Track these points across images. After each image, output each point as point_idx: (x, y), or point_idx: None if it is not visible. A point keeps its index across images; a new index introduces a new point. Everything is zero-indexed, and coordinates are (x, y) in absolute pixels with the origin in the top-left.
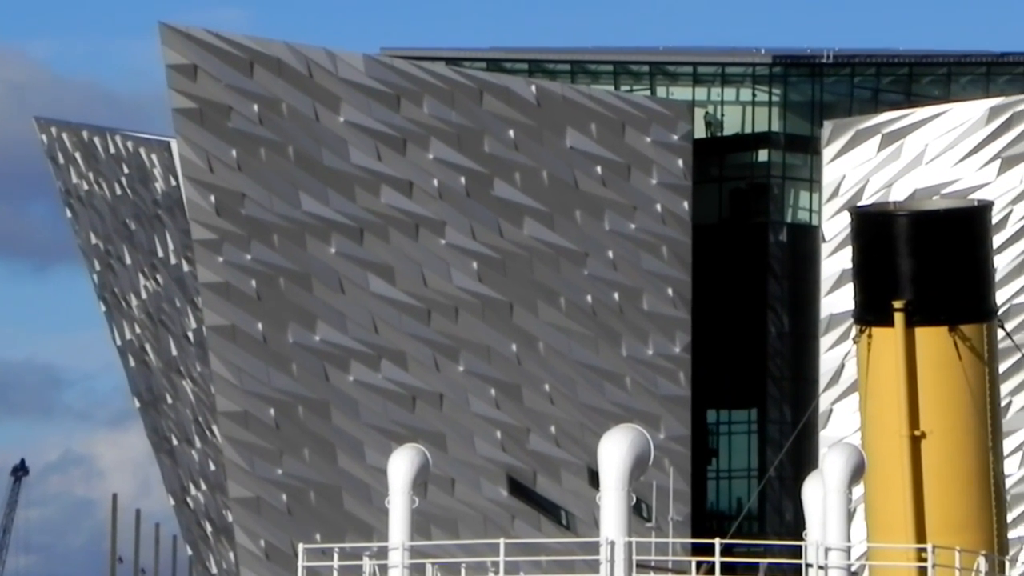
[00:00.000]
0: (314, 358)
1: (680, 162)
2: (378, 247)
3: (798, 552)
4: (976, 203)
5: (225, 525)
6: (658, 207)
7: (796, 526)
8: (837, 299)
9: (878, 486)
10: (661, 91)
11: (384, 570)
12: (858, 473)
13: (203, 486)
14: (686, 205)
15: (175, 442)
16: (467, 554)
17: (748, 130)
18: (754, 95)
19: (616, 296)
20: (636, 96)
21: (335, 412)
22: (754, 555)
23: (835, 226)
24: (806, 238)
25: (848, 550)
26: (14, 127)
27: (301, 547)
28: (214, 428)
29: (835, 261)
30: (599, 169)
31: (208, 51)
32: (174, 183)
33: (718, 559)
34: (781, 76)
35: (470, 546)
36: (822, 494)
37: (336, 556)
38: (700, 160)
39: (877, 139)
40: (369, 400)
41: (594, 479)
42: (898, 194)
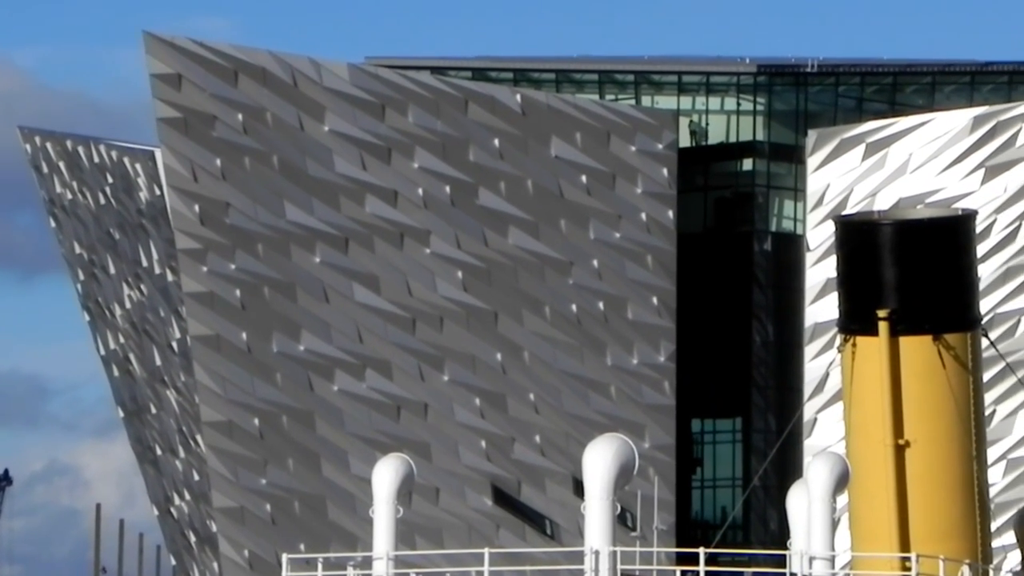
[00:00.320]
0: (298, 367)
1: (665, 171)
2: (363, 256)
3: (782, 561)
4: (960, 212)
5: (209, 535)
6: (643, 216)
7: (781, 535)
8: (822, 308)
9: (862, 495)
10: (646, 100)
11: None
12: (842, 482)
13: (187, 496)
14: (671, 214)
15: (159, 452)
16: (452, 564)
17: (733, 139)
18: (739, 104)
19: (601, 305)
20: (621, 105)
21: (319, 422)
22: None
23: (820, 235)
24: (791, 247)
25: (832, 559)
26: None
27: (285, 557)
28: (198, 438)
29: (820, 270)
30: (584, 178)
31: (192, 60)
32: (158, 192)
33: (703, 568)
34: (766, 85)
35: (455, 556)
36: (806, 503)
37: (320, 566)
38: (685, 169)
39: (861, 148)
40: (354, 409)
41: (579, 488)
42: (882, 203)
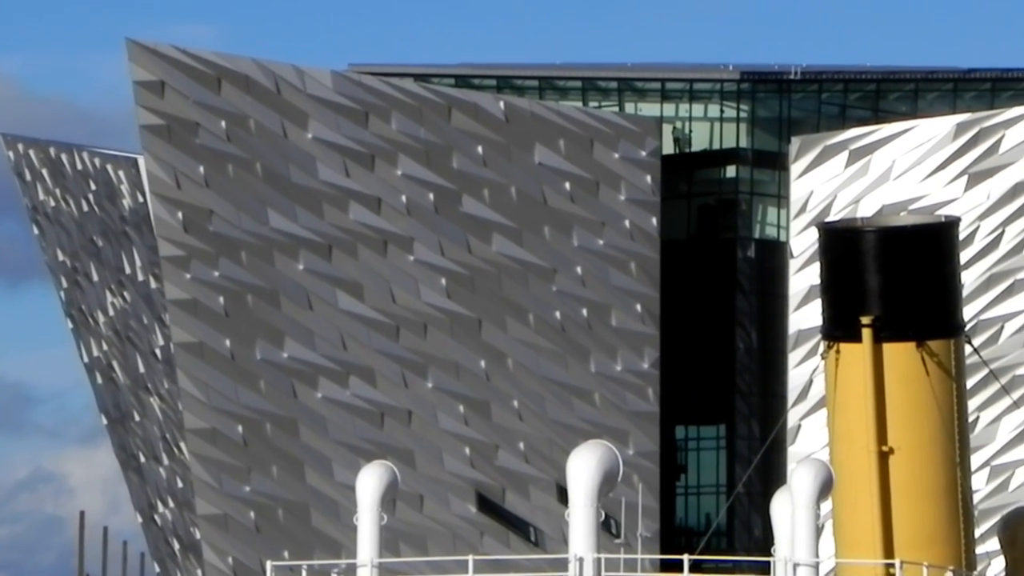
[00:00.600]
0: (282, 375)
1: (648, 178)
2: (346, 263)
3: (767, 568)
4: (943, 219)
5: (193, 542)
6: (626, 223)
7: (765, 542)
8: (805, 315)
9: (846, 501)
10: (629, 107)
11: None
12: (826, 489)
13: (171, 503)
14: (654, 221)
15: (143, 459)
16: (436, 571)
17: (716, 146)
18: (722, 111)
19: (584, 312)
20: (604, 112)
21: (303, 429)
22: (723, 571)
23: (803, 242)
24: (774, 254)
25: (816, 566)
26: None
27: (269, 564)
28: (182, 445)
29: (803, 277)
30: (567, 185)
31: (176, 67)
32: (141, 200)
33: (687, 575)
34: (749, 92)
35: (439, 563)
36: (790, 510)
37: (304, 573)
38: (668, 176)
39: (845, 155)
40: (337, 417)
41: (563, 495)
42: (866, 210)
